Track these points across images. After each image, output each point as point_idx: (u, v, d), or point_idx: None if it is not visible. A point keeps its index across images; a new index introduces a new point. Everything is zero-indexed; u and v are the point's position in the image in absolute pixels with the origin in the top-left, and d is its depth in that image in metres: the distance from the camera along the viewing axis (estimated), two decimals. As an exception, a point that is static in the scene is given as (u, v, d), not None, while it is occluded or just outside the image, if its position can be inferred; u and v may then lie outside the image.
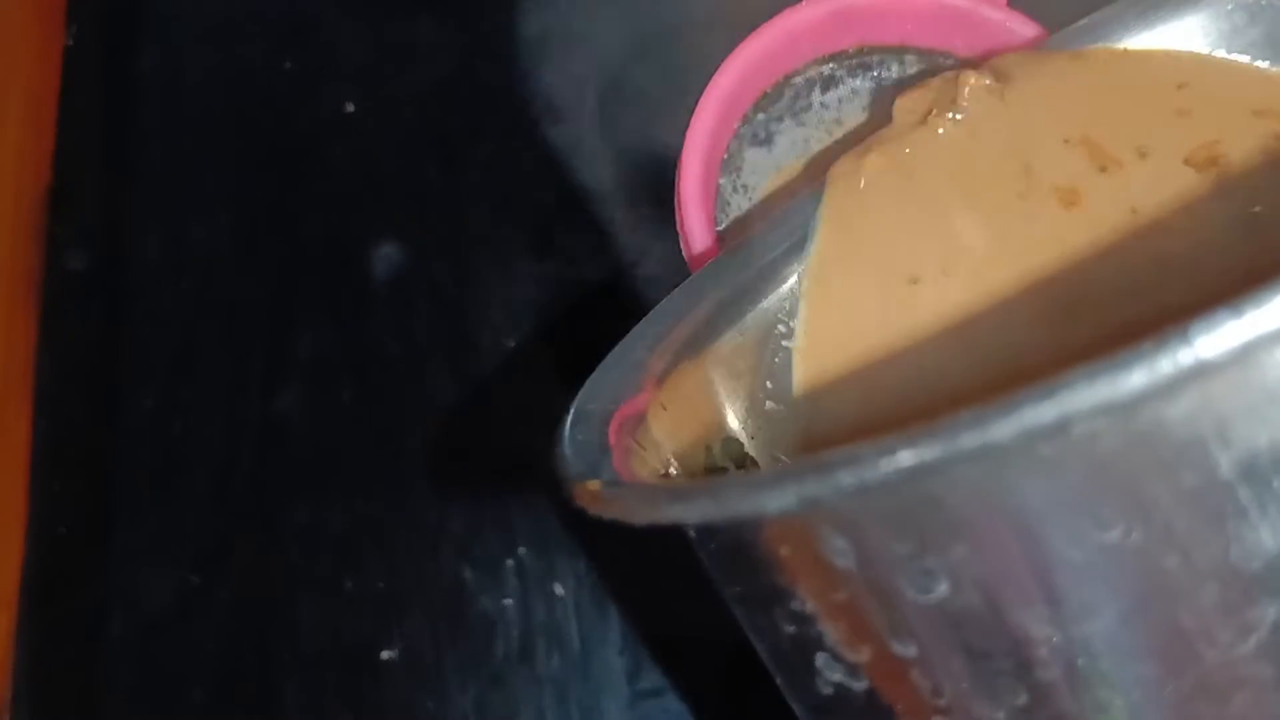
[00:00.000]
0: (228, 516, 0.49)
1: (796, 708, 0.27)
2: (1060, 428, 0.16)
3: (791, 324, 0.33)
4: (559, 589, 0.47)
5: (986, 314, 0.30)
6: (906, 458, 0.17)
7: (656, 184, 0.46)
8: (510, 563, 0.48)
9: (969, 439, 0.17)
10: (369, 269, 0.51)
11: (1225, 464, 0.18)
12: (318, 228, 0.52)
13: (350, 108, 0.53)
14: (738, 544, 0.24)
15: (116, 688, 0.47)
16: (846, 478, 0.18)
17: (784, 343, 0.33)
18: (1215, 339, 0.16)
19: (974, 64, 0.37)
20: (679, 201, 0.38)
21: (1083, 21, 0.36)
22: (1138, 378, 0.16)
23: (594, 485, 0.23)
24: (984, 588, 0.20)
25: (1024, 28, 0.39)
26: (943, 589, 0.20)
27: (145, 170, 0.53)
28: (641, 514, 0.22)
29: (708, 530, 0.26)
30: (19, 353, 0.50)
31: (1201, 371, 0.16)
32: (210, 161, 0.53)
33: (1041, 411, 0.16)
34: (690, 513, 0.21)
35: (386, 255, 0.51)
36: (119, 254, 0.52)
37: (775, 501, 0.19)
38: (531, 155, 0.52)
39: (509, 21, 0.53)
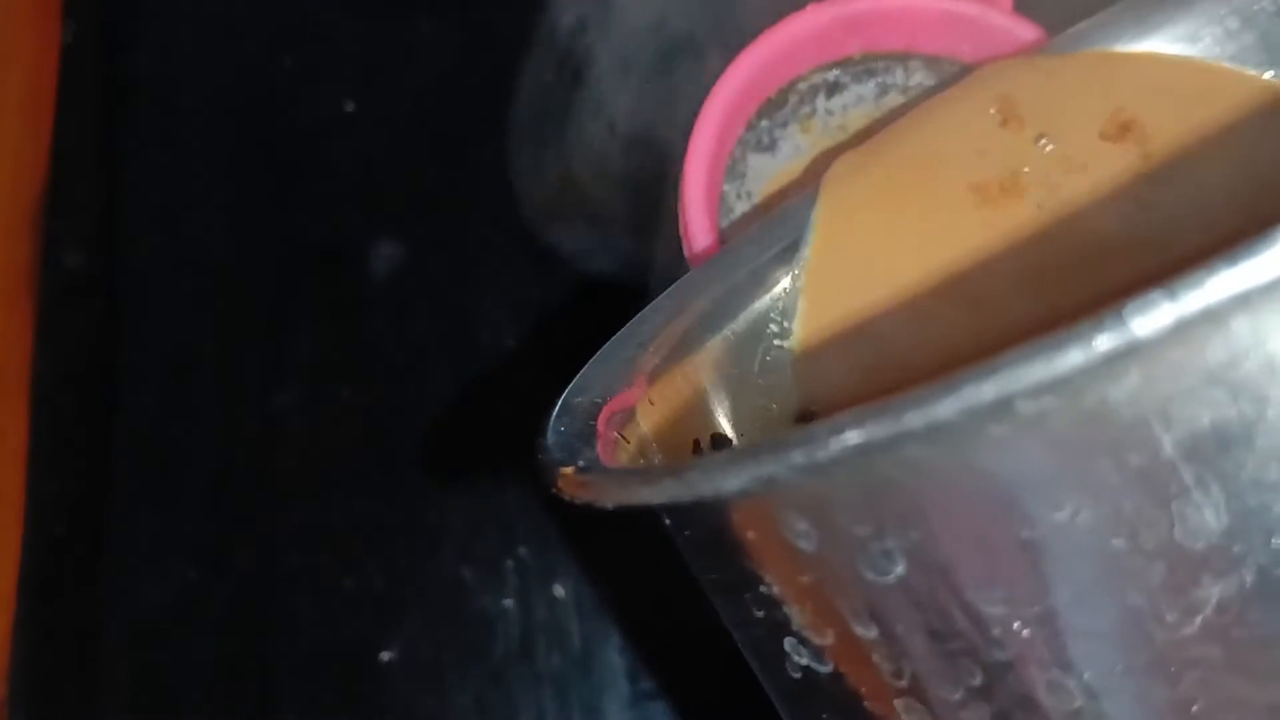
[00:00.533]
0: (226, 516, 0.49)
1: (772, 695, 0.28)
2: (1002, 406, 0.17)
3: (785, 324, 0.33)
4: (559, 589, 0.48)
5: (973, 295, 0.30)
6: (854, 436, 0.18)
7: (659, 184, 0.46)
8: (510, 562, 0.48)
9: (914, 418, 0.17)
10: (368, 268, 0.51)
11: (1169, 444, 0.19)
12: (317, 227, 0.53)
13: (350, 107, 0.54)
14: (709, 530, 0.25)
15: (114, 688, 0.47)
16: (798, 457, 0.19)
17: (776, 342, 0.33)
18: (1149, 319, 0.16)
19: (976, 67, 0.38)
20: (683, 208, 0.39)
21: (1080, 26, 0.36)
22: (1074, 357, 0.17)
23: (568, 470, 0.24)
24: (939, 568, 0.21)
25: (1029, 32, 0.40)
26: (900, 569, 0.21)
27: (143, 169, 0.53)
28: (610, 496, 0.23)
29: (680, 517, 0.27)
30: (16, 352, 0.50)
31: (1137, 351, 0.16)
32: (208, 160, 0.53)
33: (983, 390, 0.17)
34: (656, 494, 0.21)
35: (386, 255, 0.52)
36: (116, 253, 0.52)
37: (733, 481, 0.19)
38: (531, 154, 0.52)
39: (508, 20, 0.53)
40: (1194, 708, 0.20)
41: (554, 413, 0.29)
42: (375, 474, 0.50)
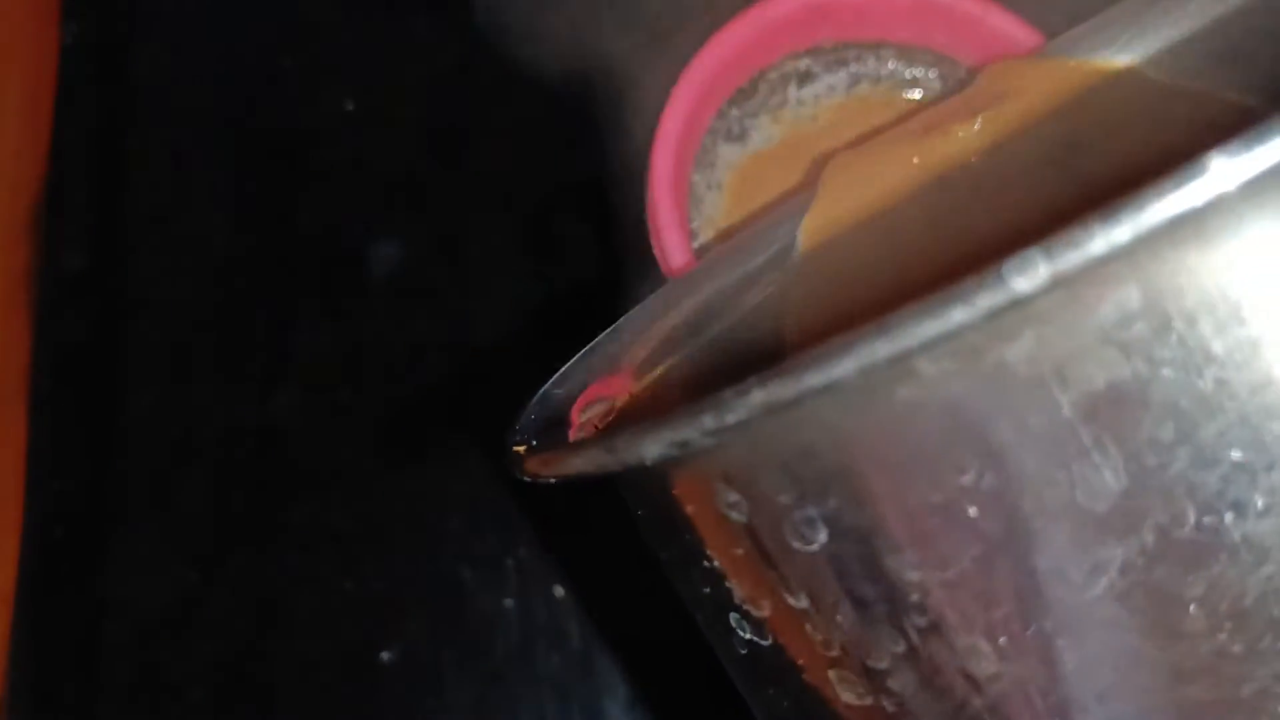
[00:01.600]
0: (226, 517, 0.50)
1: (731, 674, 0.28)
2: (898, 364, 0.18)
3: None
4: (559, 589, 0.48)
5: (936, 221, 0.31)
6: (759, 396, 0.18)
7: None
8: (510, 563, 0.48)
9: (813, 377, 0.18)
10: (367, 268, 0.52)
11: (1066, 405, 0.19)
12: (316, 227, 0.53)
13: (350, 106, 0.54)
14: (656, 507, 0.26)
15: (114, 688, 0.48)
16: (709, 420, 0.19)
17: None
18: (1027, 276, 0.17)
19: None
20: (650, 199, 0.39)
21: (1076, 30, 0.36)
22: (958, 314, 0.17)
23: (517, 449, 0.25)
24: (857, 534, 0.21)
25: (1004, 22, 0.40)
26: (823, 537, 0.21)
27: (142, 169, 0.54)
28: (550, 469, 0.23)
29: (632, 495, 0.27)
30: (15, 352, 0.50)
31: (1021, 308, 0.17)
32: (208, 160, 0.54)
33: (876, 348, 0.18)
34: (586, 463, 0.22)
35: (385, 254, 0.52)
36: (116, 253, 0.53)
37: (652, 446, 0.20)
38: (531, 154, 0.53)
39: (508, 19, 0.54)
40: (1105, 670, 0.20)
41: (532, 402, 0.30)
42: (375, 474, 0.50)
